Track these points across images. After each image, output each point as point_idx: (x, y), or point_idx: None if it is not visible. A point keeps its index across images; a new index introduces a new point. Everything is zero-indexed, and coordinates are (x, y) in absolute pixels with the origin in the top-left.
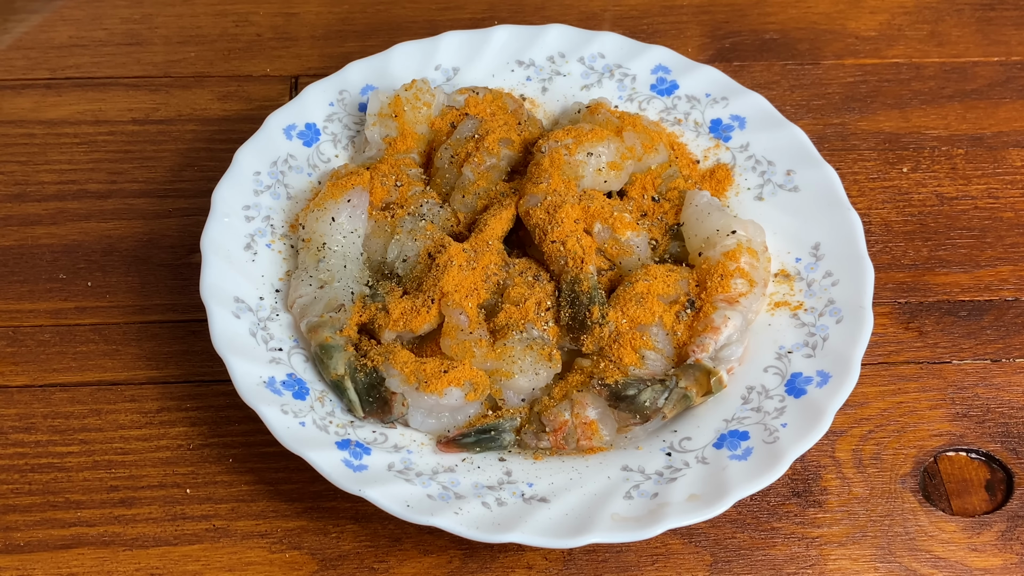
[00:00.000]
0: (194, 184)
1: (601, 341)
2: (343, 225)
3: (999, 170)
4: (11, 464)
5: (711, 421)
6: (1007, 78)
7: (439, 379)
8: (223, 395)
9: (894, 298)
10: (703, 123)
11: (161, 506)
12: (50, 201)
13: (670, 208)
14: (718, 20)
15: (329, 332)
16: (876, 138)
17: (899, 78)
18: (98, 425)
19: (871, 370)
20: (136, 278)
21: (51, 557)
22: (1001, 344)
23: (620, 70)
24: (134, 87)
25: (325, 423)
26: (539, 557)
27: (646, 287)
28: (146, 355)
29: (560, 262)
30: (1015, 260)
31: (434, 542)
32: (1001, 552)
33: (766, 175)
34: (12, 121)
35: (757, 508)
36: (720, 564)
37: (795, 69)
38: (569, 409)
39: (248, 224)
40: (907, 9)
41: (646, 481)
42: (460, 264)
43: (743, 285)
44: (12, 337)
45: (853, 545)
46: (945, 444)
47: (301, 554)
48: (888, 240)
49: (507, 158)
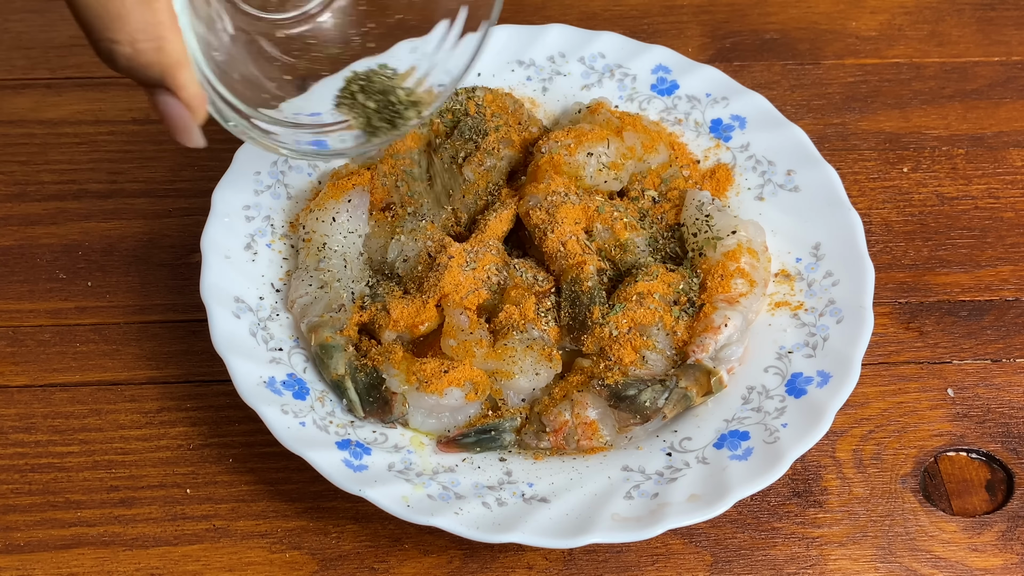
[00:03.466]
0: (194, 184)
1: (601, 341)
2: (343, 225)
3: (999, 170)
4: (11, 464)
5: (711, 421)
6: (1007, 78)
7: (439, 379)
8: (223, 395)
9: (894, 298)
10: (703, 123)
11: (161, 506)
12: (50, 201)
13: (670, 208)
14: (718, 20)
15: (329, 332)
16: (876, 138)
17: (899, 78)
18: (98, 425)
19: (871, 370)
20: (136, 278)
21: (51, 557)
22: (1001, 344)
23: (620, 70)
24: (134, 87)
25: (325, 423)
26: (539, 557)
27: (646, 287)
28: (146, 355)
29: (560, 262)
30: (1015, 260)
31: (434, 542)
32: (1001, 552)
33: (766, 175)
34: (12, 121)
35: (757, 508)
36: (720, 564)
37: (795, 69)
38: (569, 409)
39: (248, 224)
40: (907, 9)
41: (646, 481)
42: (460, 264)
43: (743, 285)
44: (12, 337)
45: (853, 545)
46: (945, 444)
47: (301, 554)
48: (888, 240)
49: (507, 158)
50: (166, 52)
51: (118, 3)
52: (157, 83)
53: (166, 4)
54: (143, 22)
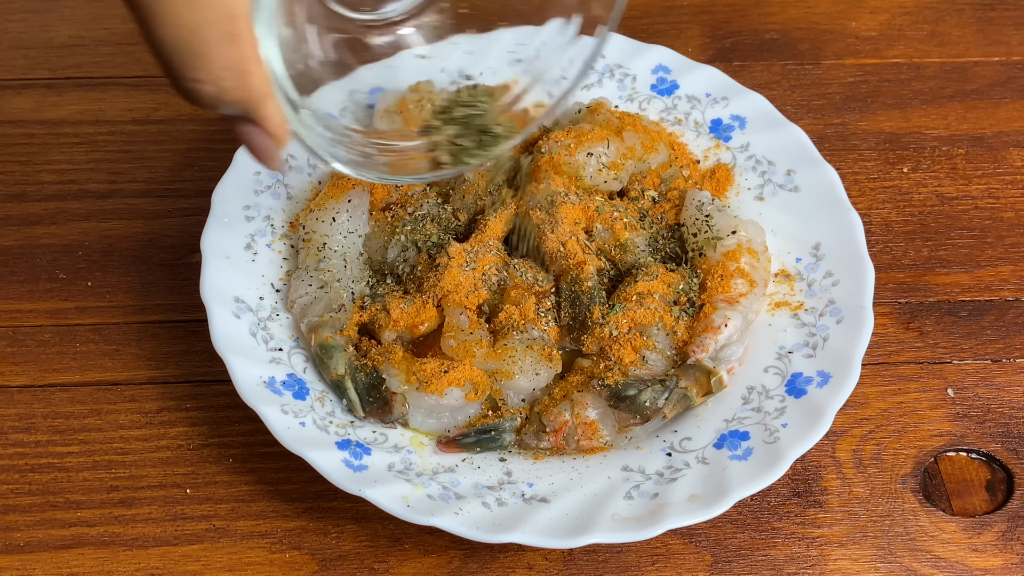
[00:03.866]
0: (194, 184)
1: (601, 341)
2: (343, 225)
3: (999, 170)
4: (11, 464)
5: (711, 421)
6: (1007, 78)
7: (439, 379)
8: (223, 395)
9: (894, 298)
10: (703, 123)
11: (161, 506)
12: (50, 201)
13: (670, 208)
14: (718, 20)
15: (329, 332)
16: (876, 138)
17: (899, 78)
18: (98, 425)
19: (871, 370)
20: (136, 278)
21: (51, 557)
22: (1001, 344)
23: (620, 70)
24: (134, 87)
25: (325, 423)
26: (539, 557)
27: (646, 287)
28: (146, 355)
29: (560, 262)
30: (1015, 260)
31: (434, 542)
32: (1001, 552)
33: (766, 175)
34: (12, 121)
35: (757, 508)
36: (720, 564)
37: (795, 69)
38: (569, 409)
39: (248, 224)
40: (907, 9)
41: (646, 481)
42: (460, 264)
43: (743, 285)
44: (12, 337)
45: (853, 545)
46: (945, 444)
47: (301, 554)
48: (888, 240)
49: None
50: (251, 87)
51: (201, 41)
52: (241, 116)
53: (250, 37)
54: (228, 59)
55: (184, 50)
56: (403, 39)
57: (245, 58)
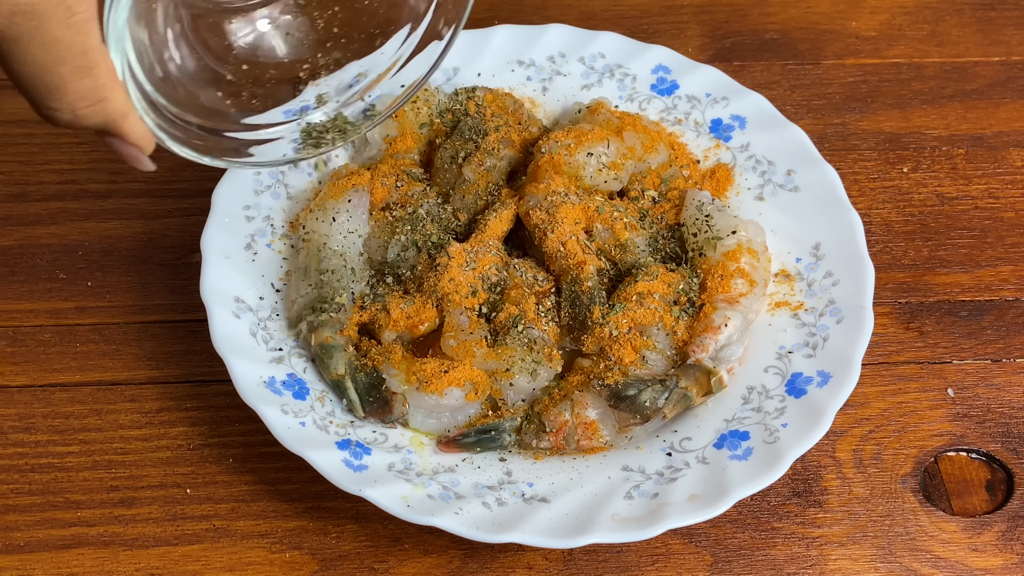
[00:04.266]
0: (194, 184)
1: (601, 341)
2: (343, 225)
3: (999, 170)
4: (11, 464)
5: (711, 421)
6: (1007, 78)
7: (439, 379)
8: (223, 395)
9: (894, 298)
10: (703, 123)
11: (161, 506)
12: (50, 201)
13: (670, 208)
14: (718, 20)
15: (329, 332)
16: (876, 138)
17: (899, 78)
18: (98, 425)
19: (871, 370)
20: (136, 278)
21: (51, 557)
22: (1001, 344)
23: (620, 70)
24: None
25: (325, 423)
26: (539, 557)
27: (646, 287)
28: (146, 355)
29: (560, 262)
30: (1015, 260)
31: (434, 542)
32: (1002, 552)
33: (766, 175)
34: (12, 121)
35: (757, 508)
36: (720, 564)
37: (795, 69)
38: (569, 409)
39: (248, 224)
40: (907, 9)
41: (646, 481)
42: (460, 264)
43: (743, 285)
44: (12, 337)
45: (853, 545)
46: (945, 444)
47: (301, 554)
48: (888, 240)
49: (507, 158)
50: (108, 111)
51: (55, 77)
52: (102, 132)
53: (106, 65)
54: (82, 89)
55: (40, 84)
56: (262, 23)
57: (100, 87)
